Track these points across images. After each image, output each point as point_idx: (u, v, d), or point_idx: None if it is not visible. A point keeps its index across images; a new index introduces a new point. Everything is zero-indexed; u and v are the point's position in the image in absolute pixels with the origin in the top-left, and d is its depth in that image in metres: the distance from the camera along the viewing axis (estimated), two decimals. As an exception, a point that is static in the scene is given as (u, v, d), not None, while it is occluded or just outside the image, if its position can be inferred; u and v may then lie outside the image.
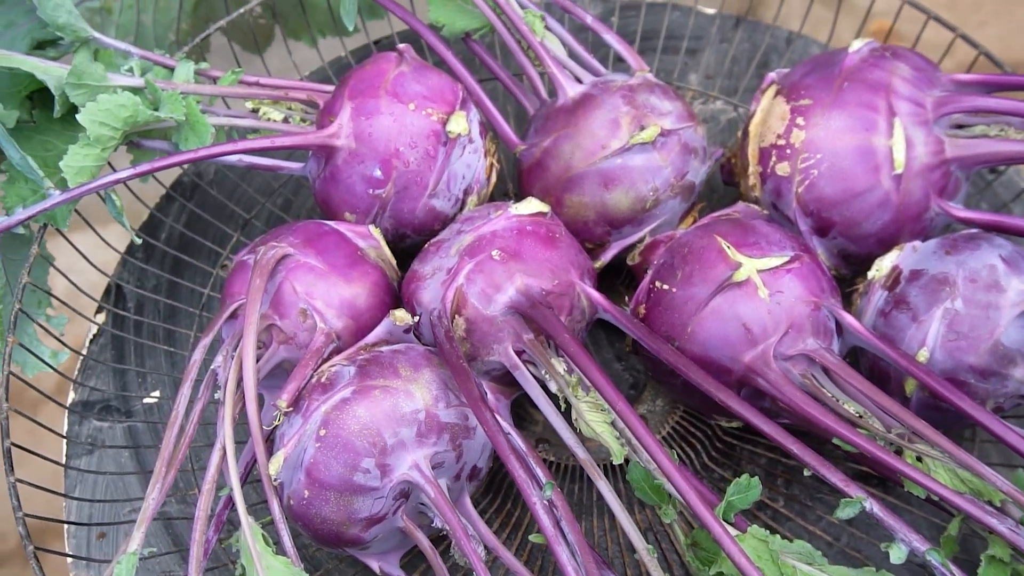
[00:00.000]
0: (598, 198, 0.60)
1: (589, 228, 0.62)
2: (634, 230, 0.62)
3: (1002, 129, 0.58)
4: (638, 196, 0.60)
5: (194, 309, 0.66)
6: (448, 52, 0.66)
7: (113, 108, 0.57)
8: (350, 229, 0.60)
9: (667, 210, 0.61)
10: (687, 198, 0.62)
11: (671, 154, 0.60)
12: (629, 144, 0.59)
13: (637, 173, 0.60)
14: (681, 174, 0.61)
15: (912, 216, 0.58)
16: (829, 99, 0.58)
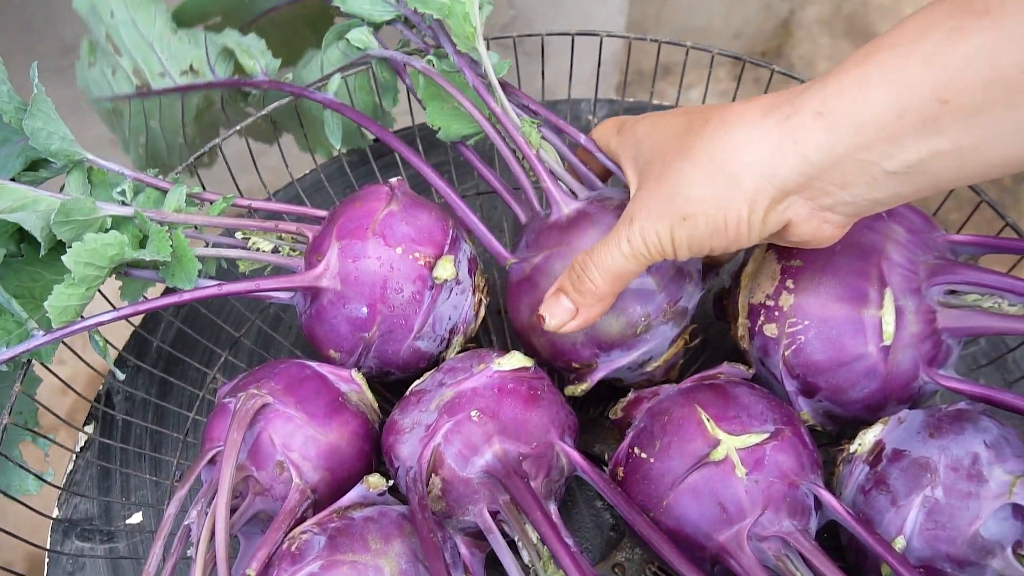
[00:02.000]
0: None
1: (576, 350, 0.60)
2: (623, 354, 0.60)
3: (996, 302, 0.57)
4: (629, 321, 0.59)
5: (178, 434, 0.66)
6: (440, 182, 0.65)
7: (99, 248, 0.57)
8: (332, 372, 0.60)
9: (658, 335, 0.60)
10: (679, 323, 0.61)
11: (664, 279, 0.58)
12: None
13: (629, 297, 0.58)
14: (674, 300, 0.59)
15: (900, 385, 0.57)
16: (820, 263, 0.58)
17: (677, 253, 0.51)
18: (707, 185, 0.48)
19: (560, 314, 0.55)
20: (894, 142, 0.43)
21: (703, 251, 0.50)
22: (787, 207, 0.48)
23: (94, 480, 0.65)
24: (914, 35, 0.43)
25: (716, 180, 0.48)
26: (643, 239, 0.51)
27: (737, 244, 0.50)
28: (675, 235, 0.50)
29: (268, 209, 0.66)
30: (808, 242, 0.51)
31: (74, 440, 0.67)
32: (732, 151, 0.47)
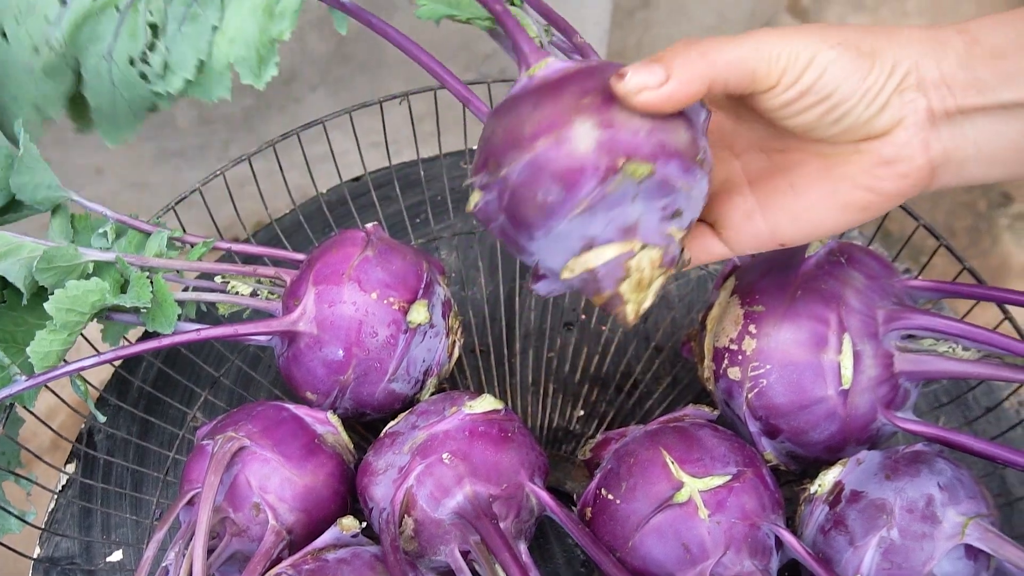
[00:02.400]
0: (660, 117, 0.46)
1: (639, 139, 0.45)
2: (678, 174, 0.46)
3: (950, 346, 0.59)
4: (694, 139, 0.47)
5: (159, 473, 0.68)
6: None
7: (81, 295, 0.58)
8: (308, 414, 0.62)
9: (701, 187, 0.48)
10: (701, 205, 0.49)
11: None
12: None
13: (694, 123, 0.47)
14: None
15: (859, 427, 0.59)
16: (782, 309, 0.59)
17: (801, 77, 0.45)
18: (865, 33, 0.46)
19: (644, 74, 0.43)
20: (1018, 72, 0.45)
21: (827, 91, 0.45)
22: (910, 100, 0.46)
23: (75, 519, 0.67)
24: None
25: (876, 34, 0.46)
26: (768, 44, 0.45)
27: (858, 108, 0.46)
28: (816, 55, 0.45)
29: (247, 252, 0.67)
30: (894, 166, 0.47)
31: (57, 470, 0.68)
32: (887, 31, 0.46)
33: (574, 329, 0.76)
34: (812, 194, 0.49)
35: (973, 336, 0.57)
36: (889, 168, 0.47)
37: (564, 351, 0.75)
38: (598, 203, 0.44)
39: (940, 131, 0.46)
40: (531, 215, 0.45)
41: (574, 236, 0.45)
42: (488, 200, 0.47)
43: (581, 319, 0.76)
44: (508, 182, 0.45)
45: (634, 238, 0.46)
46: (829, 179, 0.48)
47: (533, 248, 0.47)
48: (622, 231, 0.45)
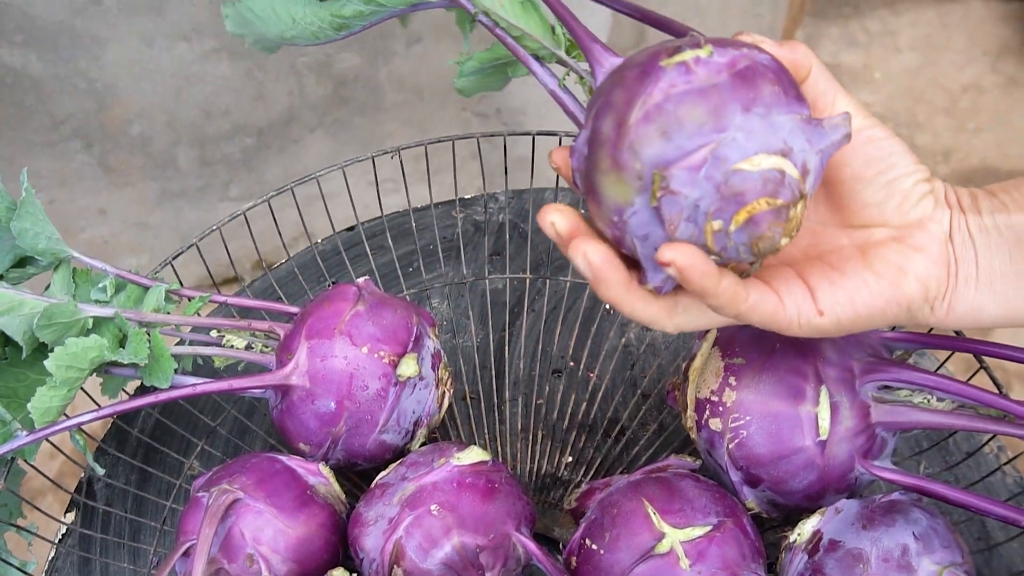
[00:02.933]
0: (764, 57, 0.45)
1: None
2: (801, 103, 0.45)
3: (925, 397, 0.61)
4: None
5: (156, 523, 0.69)
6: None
7: (80, 351, 0.60)
8: (301, 465, 0.63)
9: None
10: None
11: None
12: None
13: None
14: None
15: (837, 476, 0.60)
16: (761, 361, 0.61)
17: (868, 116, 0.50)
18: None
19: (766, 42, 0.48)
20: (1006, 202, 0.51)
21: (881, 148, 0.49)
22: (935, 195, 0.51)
23: (75, 568, 0.68)
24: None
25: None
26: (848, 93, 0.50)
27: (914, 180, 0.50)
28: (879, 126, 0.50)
29: (242, 304, 0.69)
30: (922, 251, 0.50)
31: (61, 507, 0.69)
32: None
33: (562, 376, 0.78)
34: (848, 269, 0.51)
35: (946, 388, 0.59)
36: (921, 253, 0.50)
37: (553, 398, 0.76)
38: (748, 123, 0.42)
39: (954, 241, 0.51)
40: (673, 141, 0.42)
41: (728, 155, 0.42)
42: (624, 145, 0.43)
43: (570, 366, 0.78)
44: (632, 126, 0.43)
45: (790, 154, 0.43)
46: (864, 259, 0.51)
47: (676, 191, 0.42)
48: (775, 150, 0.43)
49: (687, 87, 0.42)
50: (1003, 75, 2.17)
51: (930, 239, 0.50)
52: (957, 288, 0.51)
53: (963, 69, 2.19)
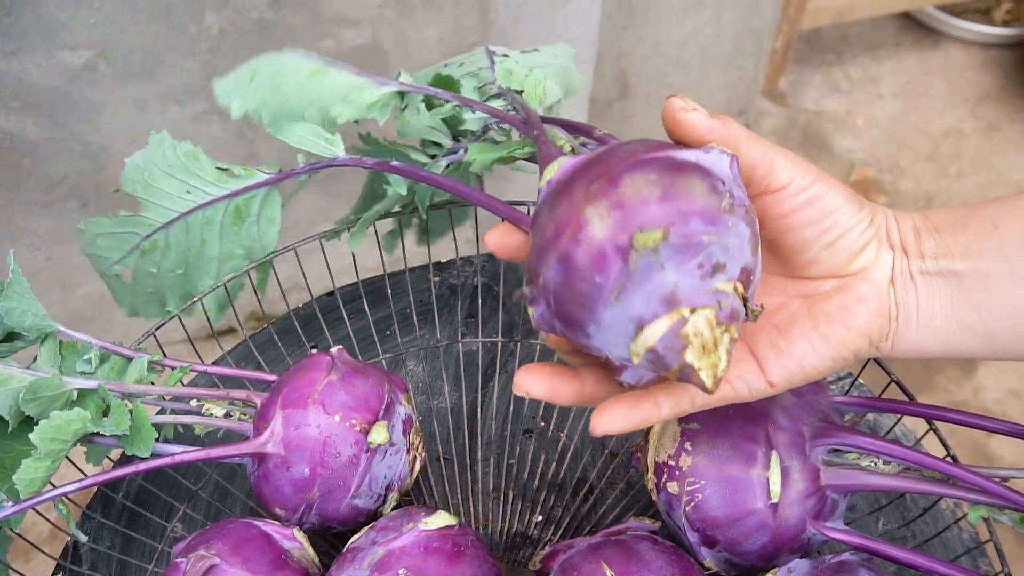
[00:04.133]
0: (668, 177, 0.46)
1: (651, 208, 0.46)
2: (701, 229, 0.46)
3: (872, 461, 0.63)
4: (714, 188, 0.46)
5: (138, 586, 0.72)
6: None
7: (64, 424, 0.63)
8: (276, 531, 0.66)
9: (739, 233, 0.47)
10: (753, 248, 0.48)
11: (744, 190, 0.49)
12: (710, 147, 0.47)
13: (714, 172, 0.47)
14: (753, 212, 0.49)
15: (789, 537, 0.63)
16: (715, 427, 0.64)
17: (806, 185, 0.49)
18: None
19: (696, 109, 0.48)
20: (951, 246, 0.51)
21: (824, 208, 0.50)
22: (882, 251, 0.52)
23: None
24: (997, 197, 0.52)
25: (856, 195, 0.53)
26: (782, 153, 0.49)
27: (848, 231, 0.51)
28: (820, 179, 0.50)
29: (222, 373, 0.72)
30: (864, 303, 0.52)
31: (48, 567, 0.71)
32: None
33: (533, 436, 0.80)
34: (795, 331, 0.54)
35: (890, 452, 0.62)
36: (863, 305, 0.52)
37: (524, 458, 0.79)
38: (629, 282, 0.44)
39: (896, 285, 0.52)
40: (576, 314, 0.46)
41: (622, 321, 0.45)
42: (540, 311, 0.48)
43: (540, 426, 0.81)
44: (548, 288, 0.47)
45: (679, 305, 0.44)
46: (810, 316, 0.53)
47: (595, 344, 0.47)
48: (664, 302, 0.44)
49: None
50: (983, 120, 2.21)
51: (872, 289, 0.52)
52: (898, 330, 0.53)
53: (944, 115, 2.23)
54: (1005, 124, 2.19)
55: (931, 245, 0.52)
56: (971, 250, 0.51)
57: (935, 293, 0.52)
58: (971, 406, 1.71)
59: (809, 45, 2.39)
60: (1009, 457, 1.63)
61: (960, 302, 0.51)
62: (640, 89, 1.84)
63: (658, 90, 1.86)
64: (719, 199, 0.45)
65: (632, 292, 0.44)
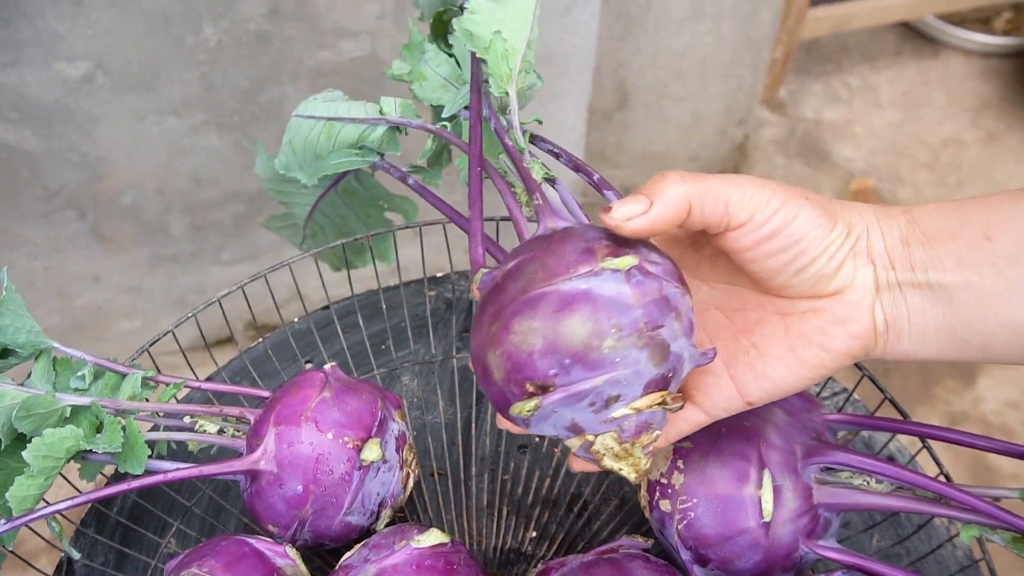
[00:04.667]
0: (551, 323, 0.48)
1: (534, 361, 0.49)
2: (585, 375, 0.49)
3: (865, 480, 0.63)
4: (596, 329, 0.48)
5: (131, 603, 0.72)
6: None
7: (56, 442, 0.63)
8: (269, 548, 0.66)
9: (628, 363, 0.49)
10: (657, 361, 0.50)
11: (646, 297, 0.49)
12: (599, 268, 0.49)
13: (600, 302, 0.48)
14: (654, 324, 0.49)
15: (782, 556, 0.63)
16: (707, 445, 0.64)
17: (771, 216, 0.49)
18: (829, 201, 0.51)
19: (632, 204, 0.49)
20: (942, 257, 0.49)
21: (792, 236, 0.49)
22: (860, 267, 0.51)
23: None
24: (991, 194, 0.50)
25: (834, 202, 0.51)
26: (748, 183, 0.49)
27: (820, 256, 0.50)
28: (787, 199, 0.49)
29: (216, 389, 0.72)
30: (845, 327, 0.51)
31: None
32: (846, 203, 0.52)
33: (527, 452, 0.80)
34: (772, 352, 0.54)
35: (882, 471, 0.61)
36: (841, 327, 0.51)
37: (518, 473, 0.79)
38: (532, 421, 0.51)
39: (883, 299, 0.51)
40: (511, 419, 0.52)
41: (546, 432, 0.52)
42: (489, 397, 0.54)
43: (535, 441, 0.81)
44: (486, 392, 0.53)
45: (582, 433, 0.51)
46: (787, 337, 0.53)
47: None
48: (569, 430, 0.51)
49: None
50: (983, 130, 2.21)
51: (850, 310, 0.51)
52: (889, 342, 0.52)
53: (944, 124, 2.23)
54: (1005, 134, 2.19)
55: (920, 255, 0.50)
56: (963, 262, 0.49)
57: (927, 307, 0.50)
58: (970, 417, 1.71)
59: (809, 54, 2.39)
60: (1009, 468, 1.63)
61: (953, 319, 0.50)
62: (639, 99, 1.84)
63: (657, 100, 1.86)
64: (601, 339, 0.48)
65: (538, 424, 0.51)
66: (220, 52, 1.31)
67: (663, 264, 0.51)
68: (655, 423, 0.51)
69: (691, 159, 1.99)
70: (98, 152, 1.36)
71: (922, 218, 0.50)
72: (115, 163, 1.38)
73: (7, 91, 1.24)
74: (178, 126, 1.38)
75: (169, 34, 1.27)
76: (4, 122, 1.28)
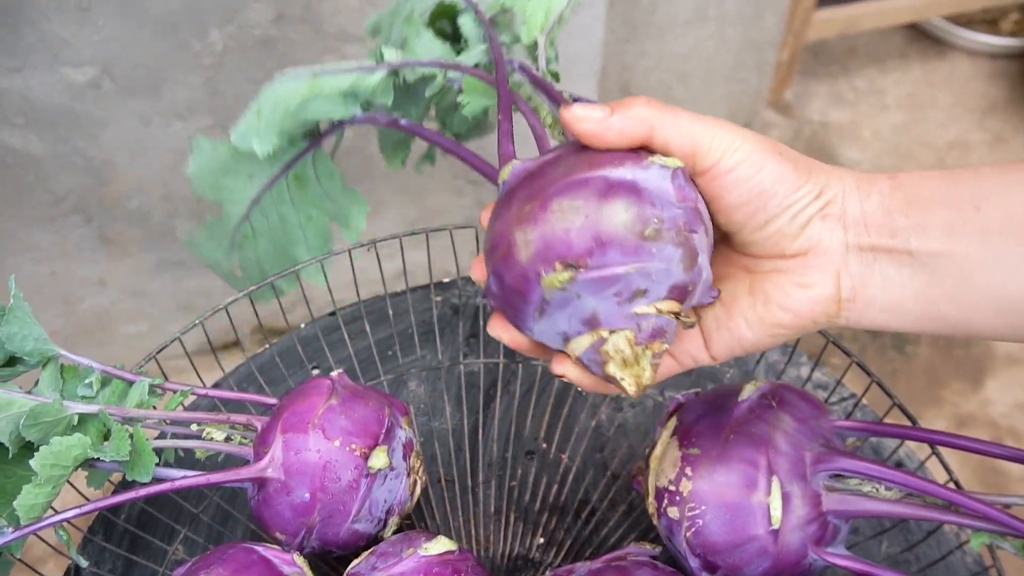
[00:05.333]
0: (594, 204, 0.47)
1: (570, 238, 0.48)
2: (620, 259, 0.48)
3: (874, 486, 0.63)
4: (640, 215, 0.48)
5: (138, 610, 0.72)
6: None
7: (64, 450, 0.63)
8: (276, 556, 0.66)
9: (663, 257, 0.48)
10: (687, 265, 0.49)
11: (686, 203, 0.49)
12: (648, 163, 0.48)
13: (647, 193, 0.48)
14: (690, 227, 0.49)
15: (790, 563, 0.63)
16: (716, 452, 0.64)
17: (733, 159, 0.47)
18: (801, 157, 0.50)
19: (592, 109, 0.48)
20: (927, 224, 0.47)
21: (754, 184, 0.48)
22: (831, 228, 0.49)
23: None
24: (978, 165, 0.48)
25: (811, 159, 0.50)
26: (714, 125, 0.48)
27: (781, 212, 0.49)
28: (754, 149, 0.47)
29: (223, 397, 0.72)
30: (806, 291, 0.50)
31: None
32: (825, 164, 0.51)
33: (535, 458, 0.80)
34: (736, 307, 0.53)
35: (891, 478, 0.61)
36: (802, 290, 0.50)
37: (525, 479, 0.79)
38: (548, 308, 0.48)
39: (851, 266, 0.49)
40: (514, 319, 0.51)
41: (552, 332, 0.49)
42: (492, 304, 0.53)
43: (542, 448, 0.81)
44: (492, 290, 0.51)
45: (599, 327, 0.48)
46: (751, 294, 0.52)
47: (537, 339, 0.51)
48: (585, 323, 0.48)
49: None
50: (990, 132, 2.21)
51: (813, 274, 0.50)
52: (857, 310, 0.50)
53: (950, 126, 2.23)
54: (1011, 136, 2.19)
55: (903, 223, 0.48)
56: (950, 231, 0.47)
57: (904, 277, 0.49)
58: (978, 419, 1.71)
59: (815, 56, 2.39)
60: (1017, 472, 1.62)
61: (935, 289, 0.48)
62: (642, 88, 1.84)
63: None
64: (643, 226, 0.47)
65: (553, 313, 0.48)
66: (226, 57, 1.31)
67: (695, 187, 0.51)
68: (668, 333, 0.49)
69: (697, 161, 1.99)
70: (104, 156, 1.37)
71: (907, 184, 0.48)
72: (121, 167, 1.38)
73: (13, 96, 1.24)
74: (183, 130, 1.38)
75: (175, 39, 1.27)
76: (10, 127, 1.28)
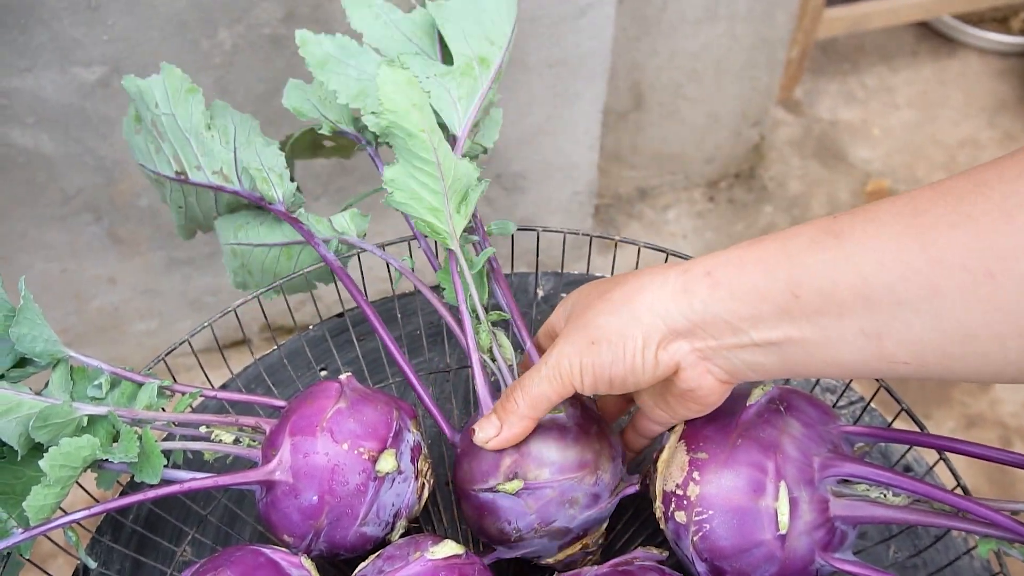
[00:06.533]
0: (476, 516, 0.68)
1: (481, 530, 0.69)
2: (508, 551, 0.69)
3: (882, 492, 0.63)
4: (502, 530, 0.67)
5: (147, 612, 0.72)
6: (402, 361, 0.76)
7: (73, 451, 0.63)
8: (284, 558, 0.66)
9: (535, 545, 0.68)
10: (559, 538, 0.68)
11: (539, 503, 0.65)
12: (496, 488, 0.65)
13: (502, 512, 0.66)
14: (547, 522, 0.66)
15: (797, 569, 0.63)
16: (723, 456, 0.64)
17: (583, 380, 0.58)
18: (612, 316, 0.56)
19: (487, 429, 0.63)
20: (758, 317, 0.51)
21: (604, 379, 0.57)
22: (676, 349, 0.55)
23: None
24: (791, 235, 0.51)
25: (621, 313, 0.56)
26: (557, 363, 0.59)
27: (634, 376, 0.56)
28: (583, 360, 0.57)
29: (232, 399, 0.72)
30: (695, 392, 0.58)
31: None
32: (638, 291, 0.56)
33: (543, 460, 0.80)
34: (658, 414, 0.64)
35: (899, 484, 0.61)
36: (691, 396, 0.58)
37: (533, 482, 0.79)
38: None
39: (715, 360, 0.55)
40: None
41: None
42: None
43: (550, 450, 0.80)
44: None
45: None
46: (660, 407, 0.63)
47: None
48: None
49: None
50: (1000, 130, 2.20)
51: (691, 381, 0.57)
52: (744, 379, 0.57)
53: (960, 125, 2.22)
54: (1021, 134, 2.18)
55: (735, 320, 0.52)
56: (780, 321, 0.51)
57: (759, 358, 0.54)
58: (987, 420, 1.70)
59: (825, 54, 2.38)
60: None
61: (787, 364, 0.53)
62: (654, 100, 1.83)
63: (672, 100, 1.85)
64: (509, 535, 0.66)
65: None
66: (235, 56, 1.32)
67: (562, 461, 0.65)
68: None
69: (707, 161, 1.98)
70: (114, 156, 1.37)
71: (724, 280, 0.52)
72: (131, 166, 1.39)
73: (24, 96, 1.25)
74: (193, 130, 1.38)
75: (184, 38, 1.27)
76: (21, 126, 1.28)
